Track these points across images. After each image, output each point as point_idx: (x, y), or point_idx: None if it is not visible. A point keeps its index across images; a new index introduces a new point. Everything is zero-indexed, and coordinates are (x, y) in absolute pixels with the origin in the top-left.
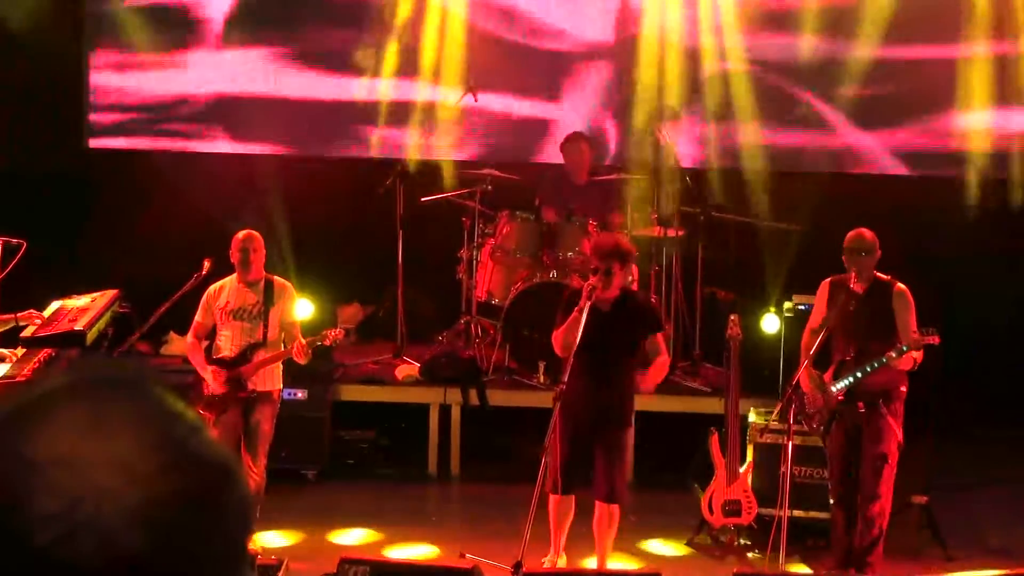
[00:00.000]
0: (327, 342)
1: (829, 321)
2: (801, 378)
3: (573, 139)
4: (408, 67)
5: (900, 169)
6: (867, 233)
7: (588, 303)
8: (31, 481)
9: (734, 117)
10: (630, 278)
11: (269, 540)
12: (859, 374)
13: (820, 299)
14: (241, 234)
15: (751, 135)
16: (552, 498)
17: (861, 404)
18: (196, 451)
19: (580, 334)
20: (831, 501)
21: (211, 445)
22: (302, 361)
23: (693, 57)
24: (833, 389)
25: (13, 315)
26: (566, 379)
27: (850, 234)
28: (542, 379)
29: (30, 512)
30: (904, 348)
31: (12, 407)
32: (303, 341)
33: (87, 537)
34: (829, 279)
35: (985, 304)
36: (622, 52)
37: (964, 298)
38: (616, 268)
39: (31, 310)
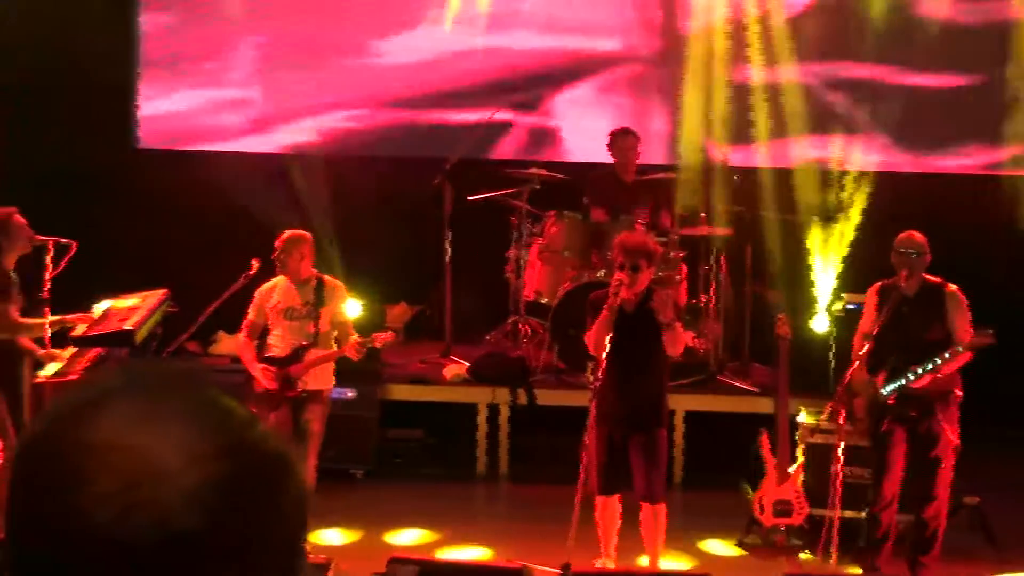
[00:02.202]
0: (377, 344)
1: (879, 325)
2: (852, 382)
3: (622, 134)
4: (457, 64)
5: (947, 168)
6: (917, 235)
7: (617, 300)
8: (90, 463)
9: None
10: (675, 277)
11: (317, 539)
12: (911, 376)
13: (870, 302)
14: (283, 235)
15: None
16: (597, 500)
17: (914, 409)
18: (253, 440)
19: (609, 336)
20: (872, 504)
21: (267, 437)
22: (355, 357)
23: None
24: (884, 392)
25: (61, 317)
26: (600, 376)
27: (900, 235)
28: (590, 379)
29: (89, 492)
30: (959, 349)
31: (71, 401)
32: (357, 339)
33: (144, 515)
34: (879, 283)
35: None
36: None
37: (1018, 297)
38: (643, 265)
39: (80, 312)
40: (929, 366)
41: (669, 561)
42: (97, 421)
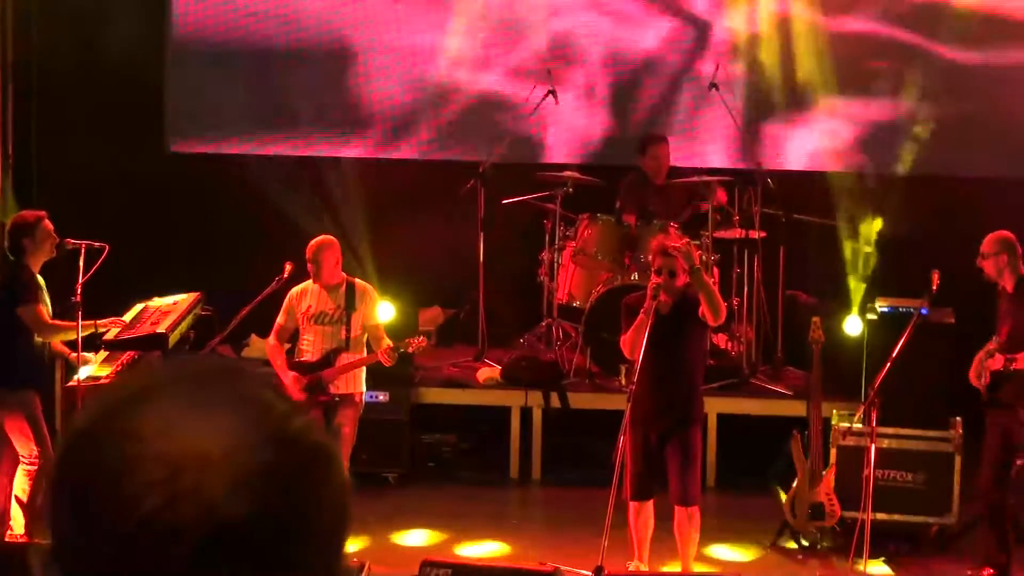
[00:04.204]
0: (410, 349)
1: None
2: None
3: (652, 141)
4: (489, 66)
5: (986, 172)
6: (992, 235)
7: (653, 304)
8: (136, 451)
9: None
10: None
11: (350, 542)
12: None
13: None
14: (313, 242)
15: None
16: (631, 506)
17: (994, 396)
18: (296, 430)
19: (645, 337)
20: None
21: (310, 428)
22: (387, 363)
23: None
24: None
25: (93, 322)
26: (635, 380)
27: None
28: (623, 382)
29: (135, 480)
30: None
31: (115, 393)
32: (389, 344)
33: (190, 503)
34: None
35: None
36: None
37: None
38: (680, 268)
39: (112, 317)
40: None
41: (701, 563)
42: (142, 412)
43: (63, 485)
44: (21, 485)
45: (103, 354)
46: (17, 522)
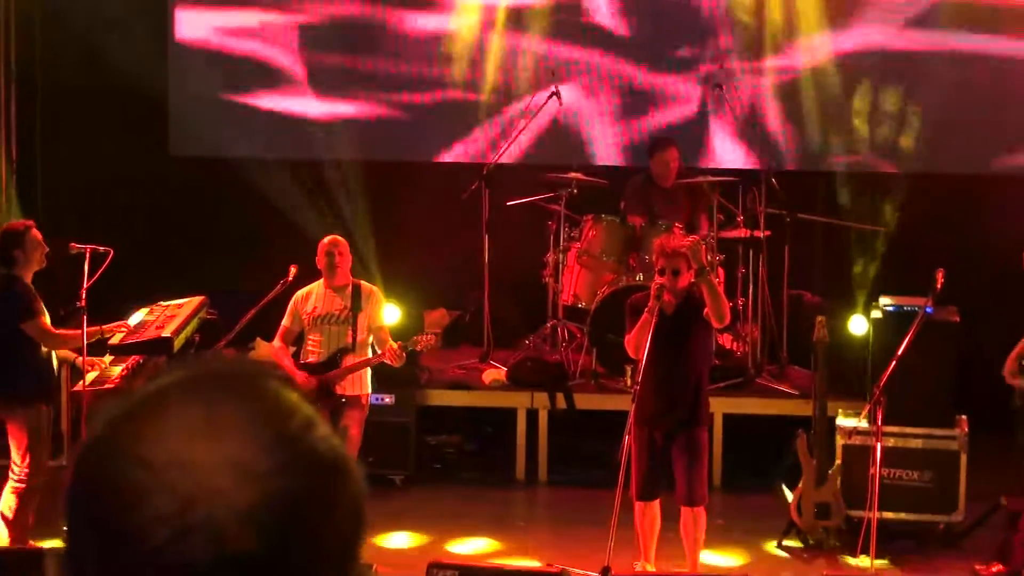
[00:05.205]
0: (419, 347)
1: None
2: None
3: (661, 145)
4: (493, 67)
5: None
6: None
7: (657, 304)
8: (146, 482)
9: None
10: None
11: None
12: None
13: None
14: (327, 239)
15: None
16: (637, 506)
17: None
18: (310, 449)
19: (649, 339)
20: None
21: (326, 441)
22: (396, 364)
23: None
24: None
25: (99, 327)
26: (640, 381)
27: None
28: (629, 383)
29: (145, 513)
30: None
31: (127, 404)
32: (395, 345)
33: (200, 537)
34: None
35: None
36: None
37: None
38: (683, 268)
39: (118, 322)
40: None
41: (708, 563)
42: (152, 432)
43: (74, 504)
44: (8, 503)
45: (109, 358)
46: (0, 538)
